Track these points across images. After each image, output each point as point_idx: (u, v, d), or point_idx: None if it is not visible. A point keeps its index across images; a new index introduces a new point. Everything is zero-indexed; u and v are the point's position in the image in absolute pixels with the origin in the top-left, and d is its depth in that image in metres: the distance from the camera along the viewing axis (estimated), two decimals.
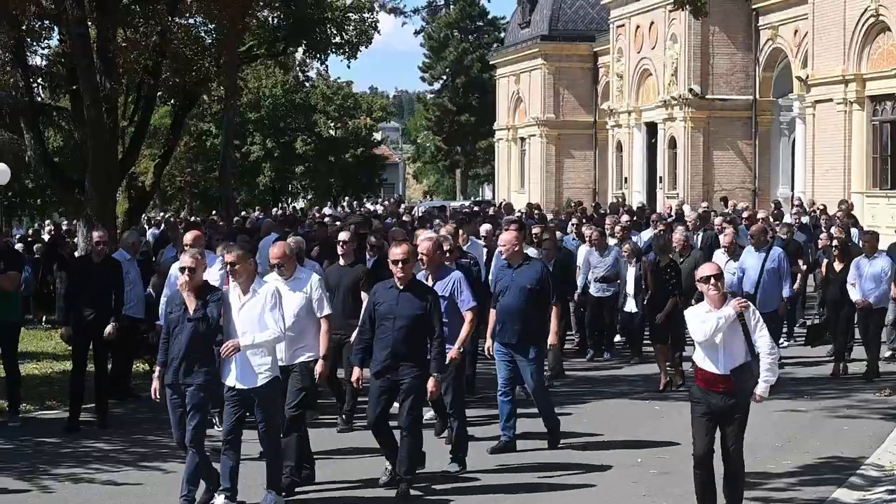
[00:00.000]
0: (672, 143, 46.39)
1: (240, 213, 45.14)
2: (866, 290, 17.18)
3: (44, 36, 23.76)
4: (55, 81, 25.90)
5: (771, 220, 25.71)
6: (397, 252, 11.17)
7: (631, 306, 18.94)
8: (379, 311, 11.06)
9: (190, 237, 13.32)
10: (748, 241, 18.02)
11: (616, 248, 19.68)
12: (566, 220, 27.83)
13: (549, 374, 16.68)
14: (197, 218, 41.07)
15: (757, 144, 45.19)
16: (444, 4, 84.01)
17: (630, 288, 18.86)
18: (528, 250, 15.97)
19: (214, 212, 42.74)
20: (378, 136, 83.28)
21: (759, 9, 43.60)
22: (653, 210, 37.75)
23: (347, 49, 35.11)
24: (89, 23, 20.71)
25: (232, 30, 24.99)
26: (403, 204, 53.62)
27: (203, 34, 27.61)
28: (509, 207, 35.26)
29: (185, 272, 10.37)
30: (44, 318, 24.78)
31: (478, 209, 37.14)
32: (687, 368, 15.72)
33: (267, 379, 10.31)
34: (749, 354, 9.59)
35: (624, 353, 19.76)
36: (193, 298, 10.32)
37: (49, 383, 17.09)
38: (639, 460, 12.21)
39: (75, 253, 22.52)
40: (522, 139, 60.68)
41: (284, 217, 35.53)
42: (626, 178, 50.61)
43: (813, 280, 21.96)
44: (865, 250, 17.65)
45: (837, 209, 28.14)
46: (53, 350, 20.16)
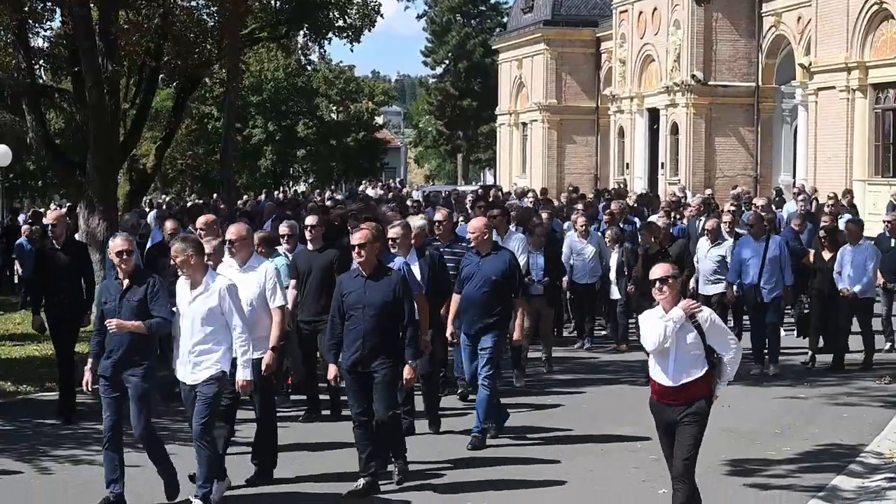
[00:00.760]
0: (674, 130, 46.33)
1: (241, 197, 45.19)
2: (851, 280, 16.99)
3: (46, 17, 23.76)
4: (57, 63, 25.87)
5: (773, 208, 25.61)
6: (355, 237, 10.68)
7: (615, 293, 18.81)
8: (347, 302, 10.59)
9: (202, 221, 13.11)
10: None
11: (598, 235, 19.32)
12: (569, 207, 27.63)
13: (546, 365, 16.69)
14: (199, 200, 41.01)
15: (759, 131, 45.14)
16: None
17: (613, 275, 18.74)
18: (516, 235, 15.92)
19: (216, 195, 42.66)
20: (380, 121, 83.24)
21: None
22: (655, 195, 37.66)
23: (350, 32, 35.02)
24: (91, 4, 20.67)
25: (234, 12, 24.97)
26: (405, 189, 53.56)
27: (205, 17, 27.58)
28: (522, 193, 35.07)
29: (122, 256, 9.91)
30: None
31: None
32: None
33: (211, 373, 9.81)
34: (706, 363, 8.75)
35: (609, 342, 19.44)
36: (130, 285, 9.90)
37: (49, 365, 17.09)
38: (639, 446, 12.22)
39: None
40: (524, 124, 60.58)
41: (286, 200, 35.45)
42: (628, 164, 50.56)
43: None
44: (849, 239, 17.44)
45: (843, 197, 28.05)
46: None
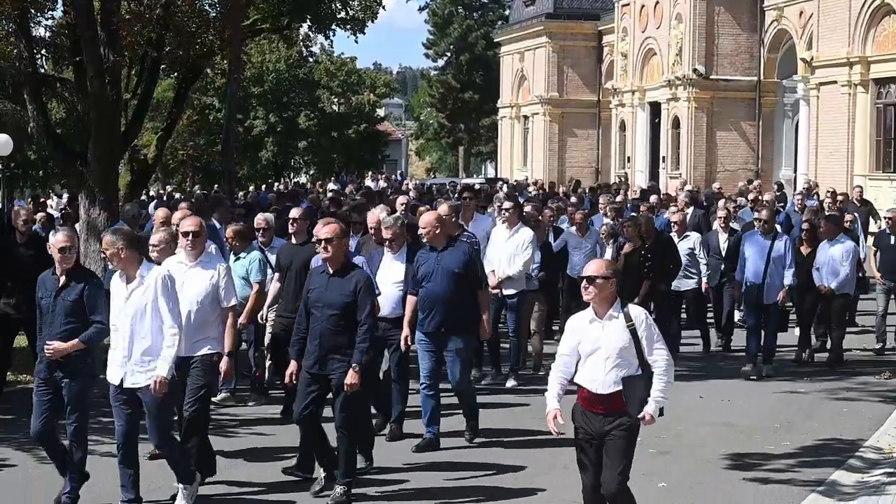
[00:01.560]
0: (675, 123, 46.33)
1: (246, 189, 45.21)
2: (828, 275, 16.82)
3: (48, 7, 23.67)
4: (58, 53, 25.82)
5: (776, 204, 25.49)
6: (323, 231, 10.15)
7: None
8: (310, 298, 10.14)
9: (161, 215, 12.96)
10: (755, 225, 16.86)
11: (597, 231, 19.05)
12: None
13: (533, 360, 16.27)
14: (202, 192, 41.00)
15: (760, 126, 45.15)
16: None
17: None
18: (523, 229, 15.61)
19: (216, 186, 42.70)
20: (381, 113, 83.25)
21: None
22: (654, 190, 37.66)
23: (352, 24, 35.00)
24: None
25: (236, 3, 24.91)
26: (406, 181, 53.57)
27: (207, 7, 27.51)
28: (551, 186, 34.73)
29: (63, 253, 9.53)
30: None
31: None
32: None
33: (154, 378, 9.28)
34: (640, 370, 8.19)
35: None
36: (67, 282, 9.51)
37: None
38: (638, 440, 12.21)
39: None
40: (526, 117, 60.61)
41: (287, 191, 35.48)
42: (629, 158, 50.58)
43: None
44: (826, 235, 17.20)
45: (852, 192, 27.90)
46: None
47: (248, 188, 50.21)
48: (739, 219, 20.94)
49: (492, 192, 29.20)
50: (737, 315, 18.54)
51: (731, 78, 44.72)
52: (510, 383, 15.16)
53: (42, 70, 26.74)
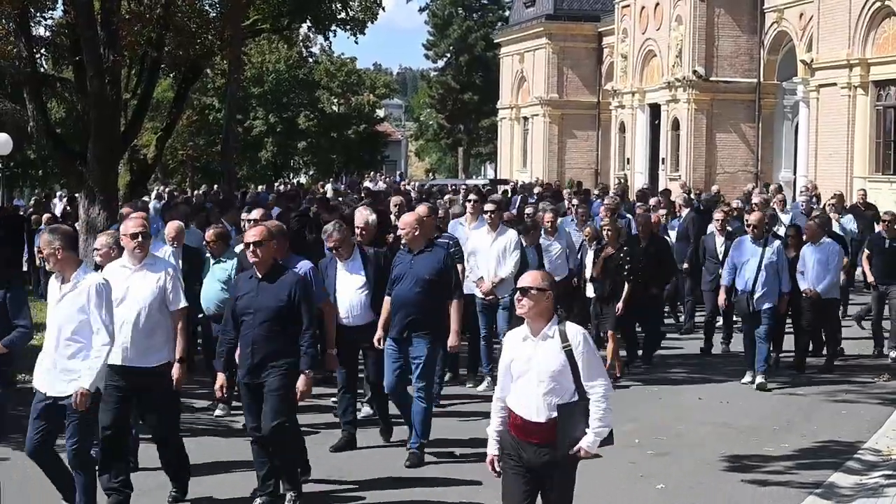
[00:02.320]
0: (675, 125, 46.33)
1: (249, 188, 45.19)
2: (813, 279, 16.25)
3: (48, 6, 23.67)
4: (58, 52, 25.82)
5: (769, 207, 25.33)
6: (250, 234, 9.73)
7: (590, 292, 18.08)
8: (239, 306, 9.67)
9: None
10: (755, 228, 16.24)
11: (566, 232, 18.23)
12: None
13: None
14: (200, 192, 41.00)
15: (760, 127, 45.15)
16: None
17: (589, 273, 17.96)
18: (508, 231, 15.04)
19: (216, 186, 42.72)
20: (381, 113, 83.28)
21: None
22: (653, 191, 37.64)
23: (352, 25, 35.04)
24: None
25: (236, 3, 24.92)
26: (404, 182, 53.59)
27: (207, 7, 27.51)
28: (582, 189, 34.12)
29: None
30: None
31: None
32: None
33: (78, 388, 8.80)
34: (576, 394, 7.28)
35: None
36: None
37: None
38: (636, 441, 12.21)
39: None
40: (525, 118, 60.61)
41: (288, 191, 35.49)
42: (629, 159, 50.58)
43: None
44: (810, 238, 16.62)
45: (855, 197, 27.75)
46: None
47: (248, 187, 50.21)
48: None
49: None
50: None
51: (731, 80, 44.72)
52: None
53: (42, 69, 26.73)
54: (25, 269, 27.05)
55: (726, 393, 14.96)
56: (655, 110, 48.41)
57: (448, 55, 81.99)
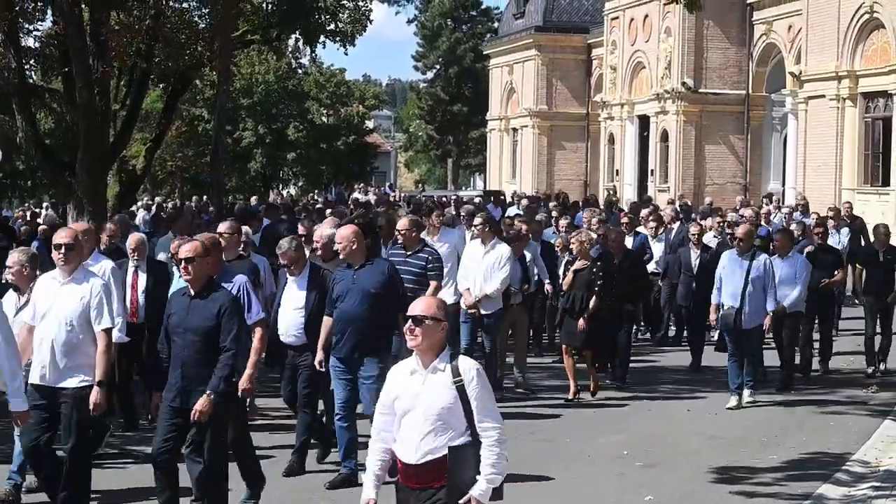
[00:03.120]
0: (664, 137, 46.40)
1: (242, 199, 45.13)
2: (780, 294, 15.41)
3: (37, 17, 23.72)
4: (47, 63, 25.85)
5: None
6: (183, 250, 9.20)
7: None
8: (171, 324, 9.15)
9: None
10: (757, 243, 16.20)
11: (533, 244, 17.69)
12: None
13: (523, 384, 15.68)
14: (190, 202, 40.97)
15: (749, 139, 45.22)
16: None
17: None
18: (500, 245, 14.89)
19: (205, 197, 42.68)
20: (370, 125, 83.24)
21: (754, 4, 43.57)
22: (643, 204, 37.69)
23: (341, 37, 35.06)
24: (82, 5, 20.66)
25: (226, 15, 24.98)
26: (393, 193, 53.56)
27: (197, 19, 27.58)
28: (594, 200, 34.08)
29: None
30: None
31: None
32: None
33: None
34: (468, 436, 6.50)
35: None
36: None
37: None
38: (625, 452, 12.22)
39: None
40: (515, 130, 60.62)
41: (282, 203, 35.44)
42: (618, 171, 50.63)
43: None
44: (778, 251, 16.08)
45: (844, 210, 27.61)
46: None
47: (238, 198, 50.18)
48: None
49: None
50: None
51: (720, 91, 44.80)
52: None
53: (31, 80, 26.72)
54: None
55: (715, 404, 14.95)
56: (644, 122, 48.48)
57: (437, 66, 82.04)
